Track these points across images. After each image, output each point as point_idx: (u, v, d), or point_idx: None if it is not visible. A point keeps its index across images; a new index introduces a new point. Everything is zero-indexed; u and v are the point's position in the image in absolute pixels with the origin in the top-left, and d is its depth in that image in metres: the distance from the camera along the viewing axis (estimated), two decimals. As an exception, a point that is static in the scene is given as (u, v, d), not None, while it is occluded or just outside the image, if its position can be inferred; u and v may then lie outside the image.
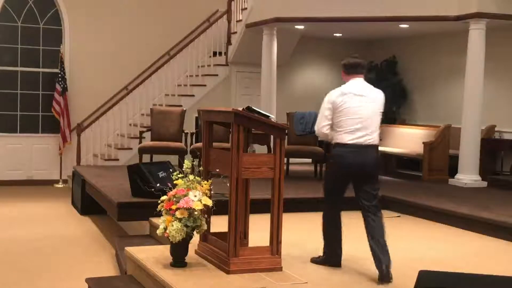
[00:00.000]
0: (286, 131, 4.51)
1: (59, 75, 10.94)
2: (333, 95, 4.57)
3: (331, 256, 4.72)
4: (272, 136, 4.52)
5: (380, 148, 9.52)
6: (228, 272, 4.28)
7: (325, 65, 12.55)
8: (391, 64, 12.08)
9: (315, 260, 4.78)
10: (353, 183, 4.64)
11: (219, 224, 4.71)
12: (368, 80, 5.29)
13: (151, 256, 4.71)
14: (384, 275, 4.35)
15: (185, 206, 4.28)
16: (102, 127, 10.93)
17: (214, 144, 4.83)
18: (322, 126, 4.60)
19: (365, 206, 4.55)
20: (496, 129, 9.77)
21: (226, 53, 11.69)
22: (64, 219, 8.32)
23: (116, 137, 11.09)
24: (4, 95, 11.06)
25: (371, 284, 4.31)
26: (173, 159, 7.82)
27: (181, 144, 9.21)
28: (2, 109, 11.04)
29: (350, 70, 4.72)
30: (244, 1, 11.33)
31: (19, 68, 11.13)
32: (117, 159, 10.74)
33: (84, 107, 11.17)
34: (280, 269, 4.41)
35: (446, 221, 6.66)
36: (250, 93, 11.79)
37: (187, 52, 11.50)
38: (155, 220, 5.70)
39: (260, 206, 5.33)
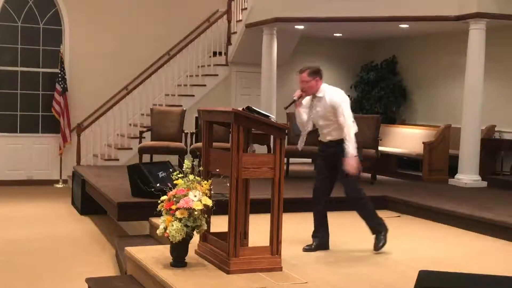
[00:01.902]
0: (286, 131, 4.51)
1: (59, 75, 10.94)
2: (344, 93, 5.12)
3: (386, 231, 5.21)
4: (272, 136, 4.52)
5: (380, 148, 9.61)
6: (228, 272, 4.28)
7: (325, 65, 12.49)
8: (391, 64, 12.09)
9: (379, 246, 5.15)
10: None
11: (219, 224, 4.71)
12: (368, 80, 5.40)
13: (151, 256, 4.71)
14: None
15: (185, 206, 4.28)
16: (102, 127, 10.93)
17: (214, 144, 4.83)
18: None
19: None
20: (496, 129, 9.77)
21: (226, 53, 11.69)
22: (64, 219, 8.32)
23: (116, 137, 11.09)
24: (4, 95, 11.06)
25: (371, 284, 4.31)
26: (173, 159, 7.82)
27: (181, 144, 9.22)
28: (2, 109, 11.05)
29: (322, 75, 5.27)
30: (244, 1, 11.33)
31: (19, 68, 11.13)
32: (117, 159, 10.74)
33: (84, 107, 11.17)
34: (280, 269, 4.41)
35: (446, 221, 6.66)
36: (250, 93, 11.79)
37: (187, 52, 11.50)
38: (155, 220, 5.71)
39: (260, 206, 5.33)
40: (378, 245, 5.18)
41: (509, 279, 2.54)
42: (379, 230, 5.22)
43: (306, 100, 5.27)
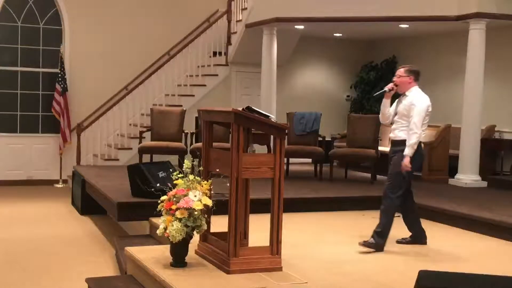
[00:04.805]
0: (286, 131, 4.51)
1: (59, 75, 10.94)
2: (428, 102, 5.35)
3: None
4: (272, 136, 4.53)
5: (380, 148, 9.60)
6: (228, 272, 4.28)
7: (325, 65, 12.55)
8: (391, 64, 12.08)
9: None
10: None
11: (219, 224, 4.71)
12: (368, 80, 5.44)
13: (151, 256, 4.71)
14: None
15: (185, 206, 4.28)
16: (102, 127, 10.93)
17: (214, 144, 4.83)
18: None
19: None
20: (496, 129, 9.77)
21: (226, 53, 11.69)
22: (64, 219, 8.32)
23: (116, 137, 11.09)
24: (4, 95, 11.06)
25: (371, 284, 4.31)
26: (173, 159, 7.82)
27: (181, 144, 9.22)
28: (2, 109, 11.04)
29: (419, 78, 5.50)
30: (244, 1, 11.33)
31: (19, 68, 11.13)
32: (117, 159, 10.74)
33: (84, 107, 11.17)
34: (280, 269, 4.41)
35: (446, 221, 6.66)
36: (250, 93, 11.79)
37: (187, 52, 11.50)
38: (155, 220, 5.70)
39: (260, 206, 5.33)
40: (366, 242, 5.24)
41: (509, 279, 2.54)
42: (378, 233, 5.29)
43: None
